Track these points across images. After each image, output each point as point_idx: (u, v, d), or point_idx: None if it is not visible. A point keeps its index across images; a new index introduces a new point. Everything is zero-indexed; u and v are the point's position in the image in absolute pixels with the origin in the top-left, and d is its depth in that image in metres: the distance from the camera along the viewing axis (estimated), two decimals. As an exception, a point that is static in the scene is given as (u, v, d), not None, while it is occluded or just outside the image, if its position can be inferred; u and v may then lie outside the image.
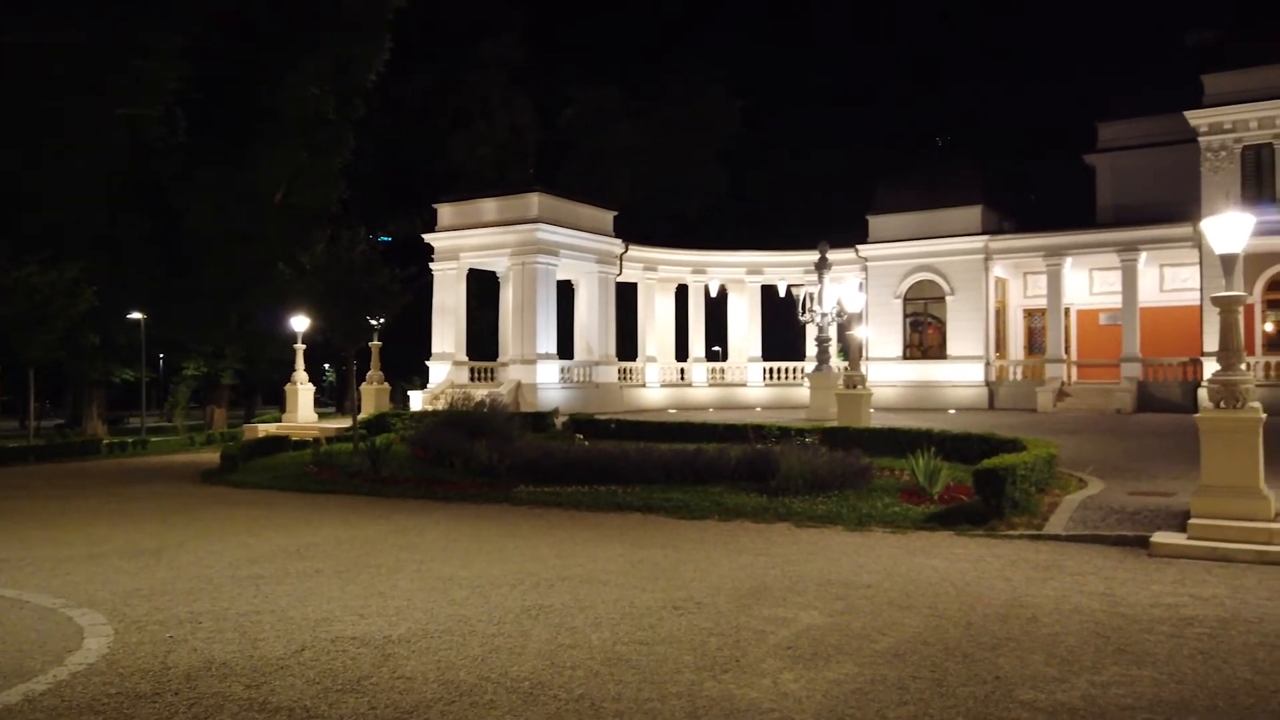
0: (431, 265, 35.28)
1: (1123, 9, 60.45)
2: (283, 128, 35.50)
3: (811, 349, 33.98)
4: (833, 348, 30.06)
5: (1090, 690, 5.99)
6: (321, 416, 33.62)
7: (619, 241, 36.86)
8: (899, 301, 36.76)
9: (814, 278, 31.06)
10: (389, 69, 38.07)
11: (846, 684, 6.11)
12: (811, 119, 56.49)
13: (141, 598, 8.81)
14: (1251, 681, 6.12)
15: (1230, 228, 11.08)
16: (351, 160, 38.26)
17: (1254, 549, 9.76)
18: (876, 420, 23.92)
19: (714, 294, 40.20)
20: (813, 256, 31.21)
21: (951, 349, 35.55)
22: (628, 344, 39.43)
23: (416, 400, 33.68)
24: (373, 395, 30.98)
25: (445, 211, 35.81)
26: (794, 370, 38.75)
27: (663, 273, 39.15)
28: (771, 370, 39.38)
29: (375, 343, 30.95)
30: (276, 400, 40.44)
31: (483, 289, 39.43)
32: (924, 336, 36.87)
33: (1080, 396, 32.23)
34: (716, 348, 45.25)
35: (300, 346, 30.22)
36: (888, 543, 11.13)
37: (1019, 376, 35.05)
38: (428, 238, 35.76)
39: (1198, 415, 10.88)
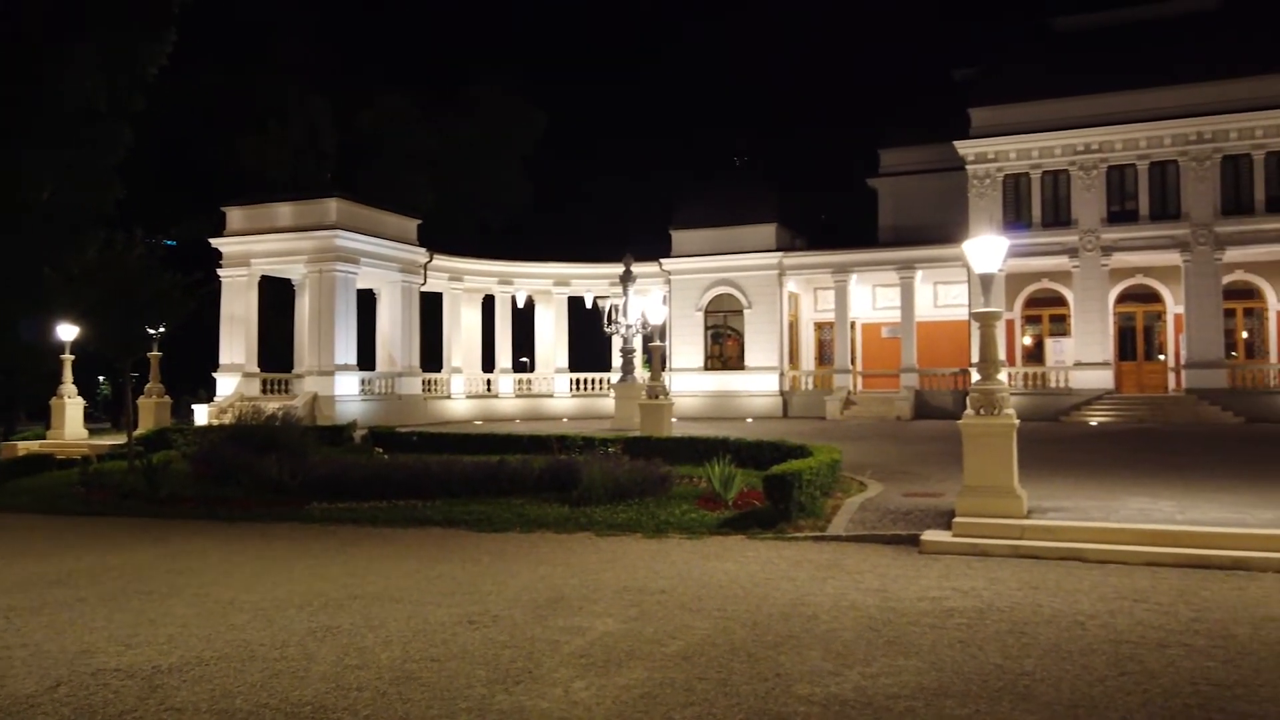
0: (220, 272, 33.35)
1: (903, 43, 65.15)
2: (48, 122, 32.53)
3: (617, 360, 34.49)
4: (637, 359, 30.67)
5: (861, 682, 6.37)
6: (94, 433, 30.98)
7: (423, 250, 36.16)
8: (700, 314, 37.93)
9: (620, 290, 31.61)
10: (175, 64, 35.64)
11: (636, 689, 6.23)
12: (616, 134, 57.50)
13: None
14: (1002, 666, 6.69)
15: (987, 249, 12.13)
16: (130, 159, 35.53)
17: (1009, 544, 10.69)
18: (679, 429, 24.56)
19: (521, 305, 40.11)
20: (619, 269, 31.75)
21: (749, 360, 37.02)
22: (432, 355, 38.70)
23: (202, 415, 31.68)
24: (152, 410, 28.86)
25: (235, 215, 33.96)
26: (600, 381, 39.21)
27: (469, 283, 38.70)
28: (578, 381, 39.67)
29: (155, 353, 28.87)
30: (43, 417, 36.93)
31: (278, 297, 37.61)
32: (724, 348, 38.22)
33: (864, 404, 34.33)
34: (524, 358, 45.15)
35: (68, 357, 27.76)
36: (684, 548, 11.43)
37: (810, 386, 36.94)
38: (215, 242, 33.79)
39: (961, 421, 11.82)
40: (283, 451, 17.40)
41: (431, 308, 38.72)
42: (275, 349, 36.89)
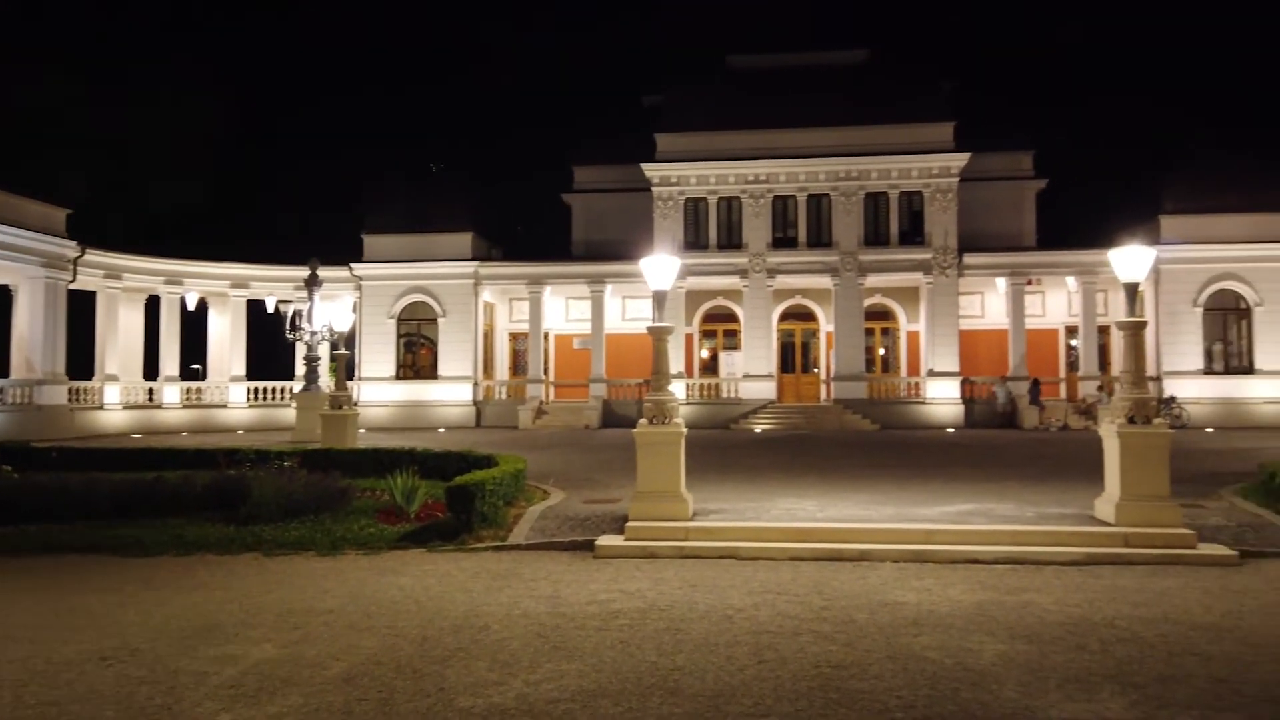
0: None
1: (598, 64, 67.61)
2: None
3: (302, 369, 32.74)
4: (323, 367, 29.34)
5: (524, 689, 6.51)
6: None
7: (73, 244, 32.31)
8: (393, 322, 37.00)
9: (305, 294, 30.07)
10: None
11: (289, 717, 5.96)
12: (310, 133, 54.75)
13: None
14: (656, 663, 7.10)
15: (661, 268, 12.90)
16: None
17: (674, 545, 11.38)
18: (368, 440, 23.80)
19: (192, 307, 36.93)
20: (304, 272, 30.24)
21: (443, 369, 36.61)
22: (83, 361, 34.62)
23: None
24: None
25: None
26: (282, 390, 37.05)
27: (130, 281, 35.07)
28: (257, 390, 37.21)
29: None
30: None
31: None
32: (417, 357, 37.53)
33: (555, 414, 35.13)
34: (195, 366, 41.65)
35: None
36: (359, 565, 11.07)
37: (504, 396, 37.20)
38: None
39: (635, 430, 12.45)
40: (-123, 473, 14.79)
41: (84, 308, 34.68)
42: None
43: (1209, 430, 30.21)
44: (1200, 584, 9.53)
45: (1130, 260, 12.05)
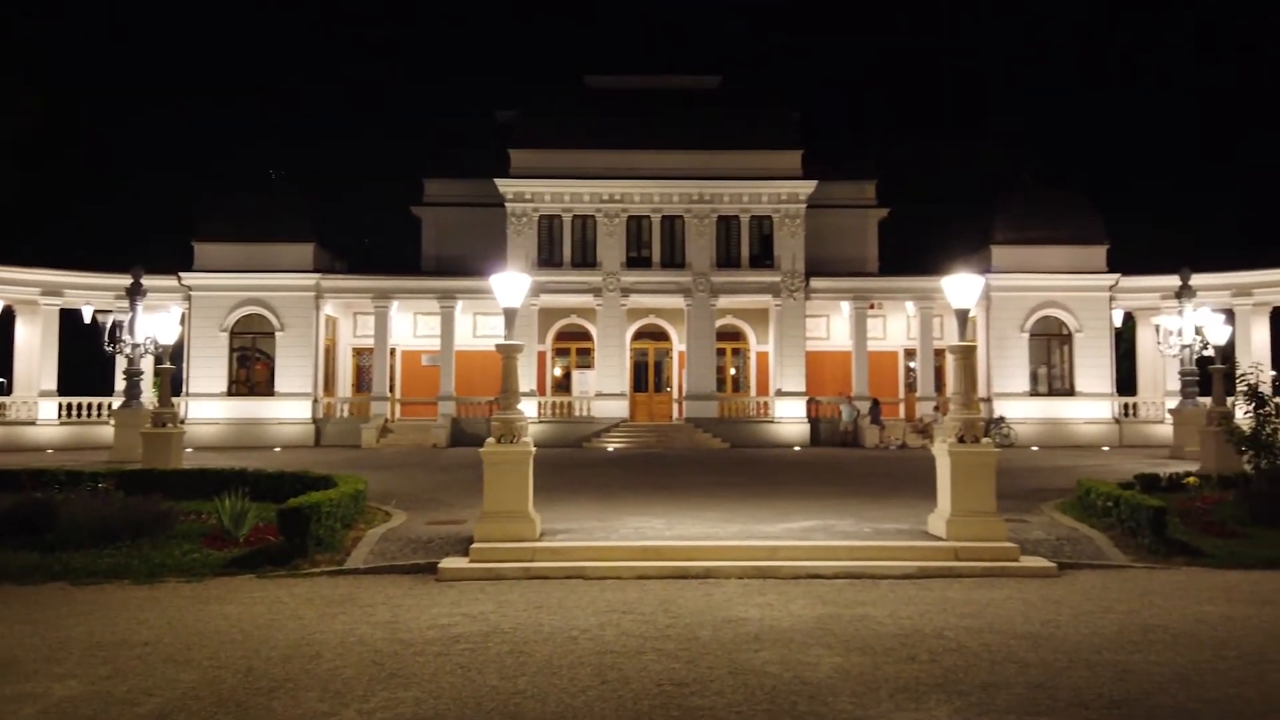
0: None
1: (451, 77, 66.57)
2: None
3: (122, 383, 30.62)
4: (146, 382, 27.56)
5: (356, 719, 6.19)
6: None
7: None
8: (226, 335, 35.14)
9: (127, 304, 28.19)
10: None
11: (89, 762, 5.44)
12: (136, 130, 51.46)
13: None
14: (497, 688, 6.90)
15: (511, 285, 12.72)
16: None
17: (520, 566, 11.16)
18: (196, 460, 22.52)
19: (-2, 316, 34.02)
20: (126, 280, 28.37)
21: (280, 385, 35.01)
22: None
23: None
24: None
25: None
26: (99, 406, 34.52)
27: (-75, 286, 32.01)
28: (70, 406, 34.53)
29: None
30: None
31: None
32: (251, 372, 35.78)
33: (401, 433, 34.16)
34: (1, 379, 38.36)
35: None
36: (181, 593, 10.36)
37: (346, 414, 35.86)
38: None
39: (482, 450, 12.20)
40: None
41: None
42: None
43: (1034, 449, 32.18)
44: (1022, 595, 10.06)
45: (960, 288, 12.71)
